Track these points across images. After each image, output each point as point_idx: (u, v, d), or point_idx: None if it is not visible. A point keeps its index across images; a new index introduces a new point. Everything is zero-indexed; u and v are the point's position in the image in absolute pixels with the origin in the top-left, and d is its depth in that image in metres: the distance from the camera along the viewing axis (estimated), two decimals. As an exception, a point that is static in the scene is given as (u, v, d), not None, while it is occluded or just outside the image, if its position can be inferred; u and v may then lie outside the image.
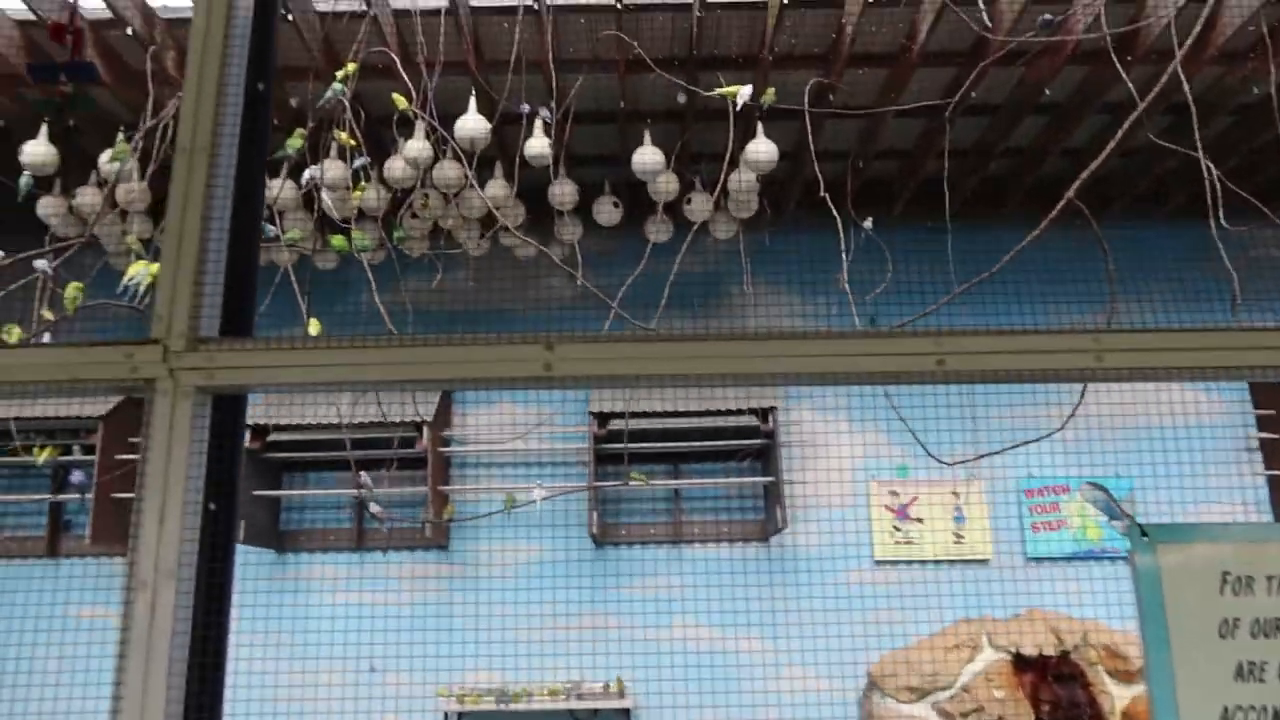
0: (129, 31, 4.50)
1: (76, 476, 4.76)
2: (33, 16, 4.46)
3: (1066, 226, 3.81)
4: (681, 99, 4.99)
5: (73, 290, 3.43)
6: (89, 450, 5.09)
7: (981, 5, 4.39)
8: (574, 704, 4.82)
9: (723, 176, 4.66)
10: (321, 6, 4.62)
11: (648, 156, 4.88)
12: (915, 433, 3.86)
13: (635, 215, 5.34)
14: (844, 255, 4.43)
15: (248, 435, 5.00)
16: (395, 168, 4.70)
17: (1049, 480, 5.42)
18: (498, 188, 5.00)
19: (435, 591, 5.27)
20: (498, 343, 1.13)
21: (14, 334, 3.30)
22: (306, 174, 4.36)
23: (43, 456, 4.89)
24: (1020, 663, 4.95)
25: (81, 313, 3.83)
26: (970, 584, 5.31)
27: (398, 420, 4.81)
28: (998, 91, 5.13)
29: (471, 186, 4.96)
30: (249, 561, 5.30)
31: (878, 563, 5.35)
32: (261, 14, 1.31)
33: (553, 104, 4.58)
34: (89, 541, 4.98)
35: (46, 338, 3.55)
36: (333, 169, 4.61)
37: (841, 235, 4.38)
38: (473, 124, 4.55)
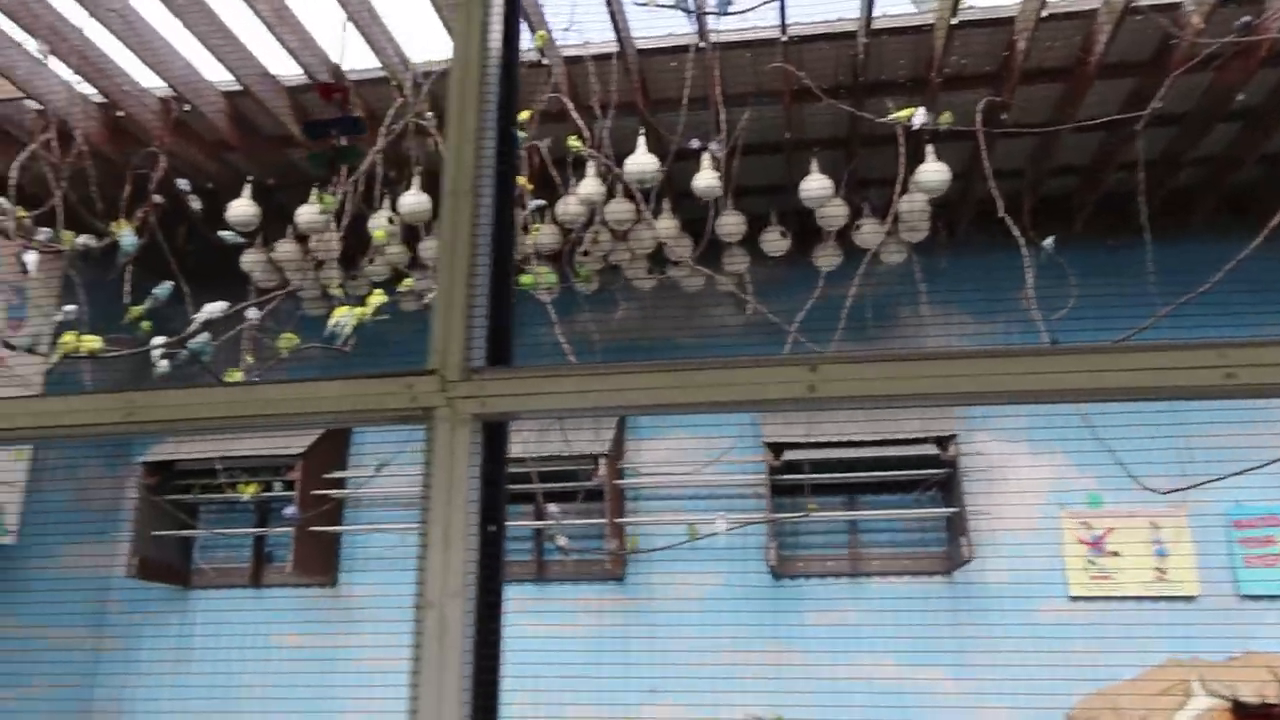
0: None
1: (289, 510, 5.07)
2: (238, 86, 4.85)
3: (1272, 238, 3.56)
4: (846, 127, 4.96)
5: (286, 339, 3.68)
6: (289, 485, 5.42)
7: (1164, 12, 4.19)
8: (756, 740, 4.75)
9: (894, 200, 4.58)
10: (496, 58, 4.84)
11: (815, 184, 4.86)
12: (1117, 460, 3.65)
13: (802, 244, 5.31)
14: (1026, 275, 4.27)
15: (433, 470, 5.20)
16: (568, 207, 4.85)
17: (1262, 510, 5.01)
18: (666, 222, 5.07)
19: (612, 624, 5.31)
20: (761, 365, 1.14)
21: (236, 375, 3.56)
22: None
23: (248, 492, 5.23)
24: (1241, 711, 4.57)
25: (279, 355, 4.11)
26: (1176, 624, 4.95)
27: (577, 454, 4.91)
28: (1183, 99, 4.86)
29: (641, 222, 5.06)
30: (435, 592, 5.50)
31: (1073, 598, 5.06)
32: (507, 57, 1.38)
33: (721, 138, 4.61)
34: (290, 571, 5.28)
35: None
36: (509, 212, 4.79)
37: (1025, 254, 4.23)
38: (642, 161, 4.65)
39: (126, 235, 3.78)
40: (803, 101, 4.74)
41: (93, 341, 3.42)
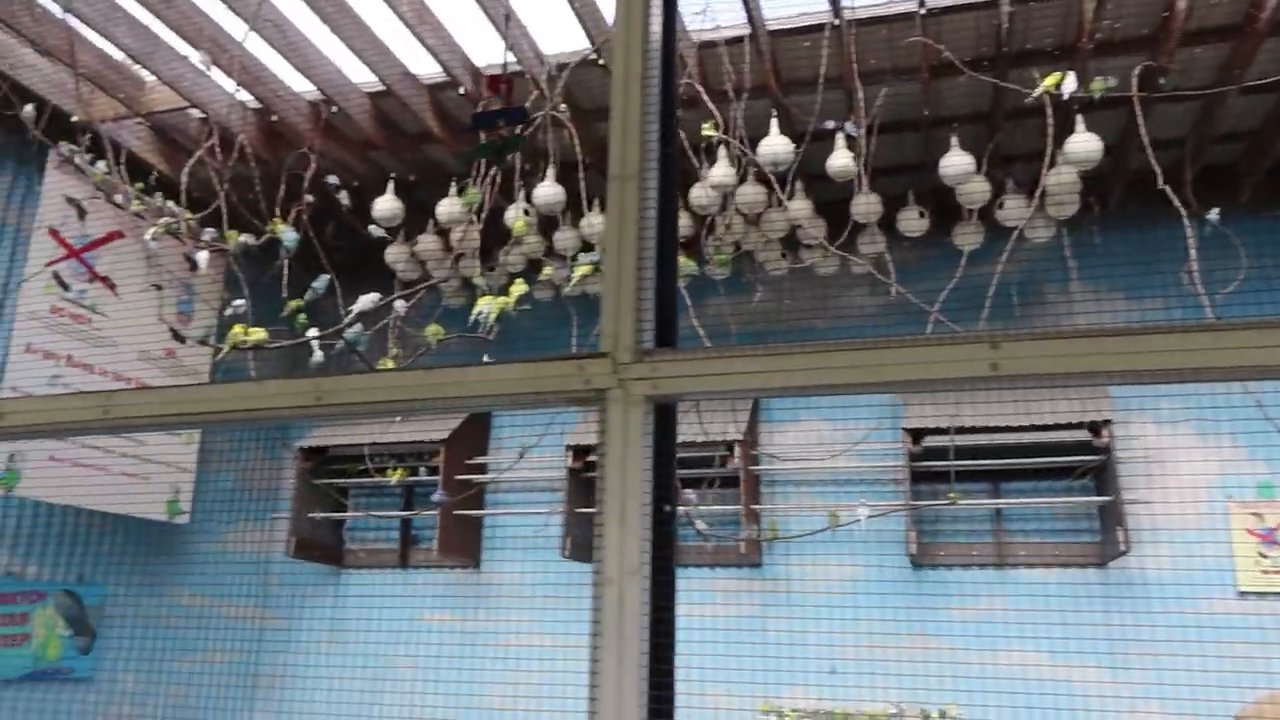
0: (460, 91, 4.96)
1: (437, 495, 5.26)
2: (381, 87, 5.03)
3: None
4: (988, 100, 4.77)
5: (433, 329, 3.80)
6: (433, 471, 5.61)
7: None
8: (899, 731, 4.66)
9: (1042, 175, 4.39)
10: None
11: (956, 161, 4.70)
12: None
13: (941, 224, 5.15)
14: (1188, 249, 4.03)
15: (571, 457, 5.30)
16: (699, 193, 4.84)
17: None
18: (800, 205, 5.01)
19: (749, 608, 5.30)
20: (943, 343, 1.11)
21: (387, 363, 3.71)
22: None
23: (395, 477, 5.44)
24: None
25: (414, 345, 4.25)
26: (1358, 621, 4.60)
27: (712, 439, 4.92)
28: (1369, 54, 4.48)
29: (774, 206, 5.01)
30: (573, 578, 5.60)
31: (1242, 594, 4.76)
32: (666, 43, 1.39)
33: (859, 118, 4.51)
34: (436, 553, 5.48)
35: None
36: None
37: (1187, 227, 3.98)
38: (776, 144, 4.59)
39: (288, 233, 3.98)
40: (942, 76, 4.59)
41: (258, 333, 3.62)
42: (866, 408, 5.26)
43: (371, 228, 4.96)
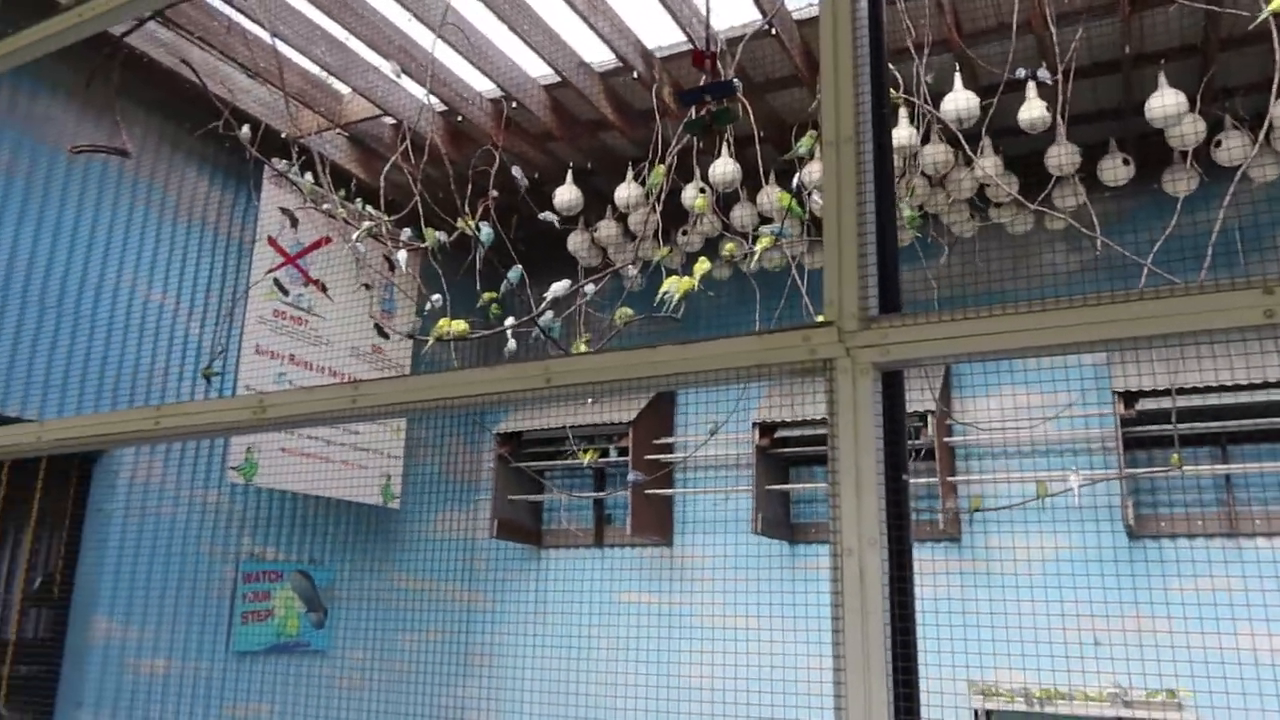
0: (634, 75, 5.02)
1: (632, 475, 5.39)
2: (556, 79, 5.16)
3: None
4: (1199, 31, 4.39)
5: (622, 312, 3.88)
6: (622, 452, 5.74)
7: None
8: (1121, 712, 4.41)
9: (1270, 107, 4.00)
10: (798, 15, 4.78)
11: (1164, 100, 4.36)
12: None
13: (1146, 170, 4.80)
14: None
15: (758, 434, 5.30)
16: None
17: None
18: (988, 162, 4.78)
19: (949, 585, 5.14)
20: (1205, 292, 1.03)
21: (580, 346, 3.82)
22: (796, 178, 4.52)
23: (587, 458, 5.59)
24: None
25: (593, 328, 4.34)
26: None
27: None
28: None
29: (960, 165, 4.81)
30: (765, 553, 5.61)
31: None
32: (873, 2, 1.35)
33: (1052, 62, 4.25)
34: (629, 533, 5.60)
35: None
36: (818, 169, 4.73)
37: None
38: (960, 100, 4.40)
39: (484, 228, 4.15)
40: (1145, 9, 4.26)
41: (460, 325, 3.80)
42: (1069, 368, 4.98)
43: (548, 214, 5.08)
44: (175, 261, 5.22)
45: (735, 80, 3.13)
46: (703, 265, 3.84)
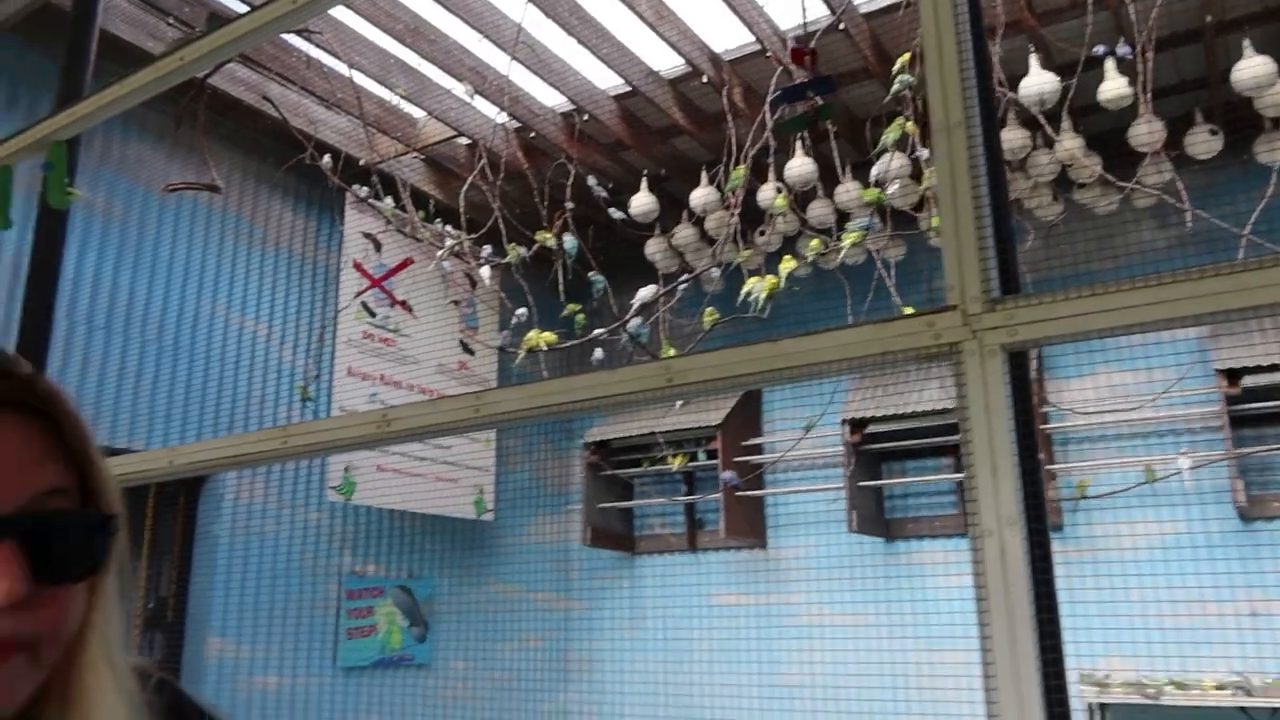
0: (703, 80, 5.04)
1: (727, 475, 5.40)
2: (626, 88, 5.21)
3: None
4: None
5: (709, 313, 3.91)
6: (710, 455, 5.75)
7: None
8: (1244, 701, 4.25)
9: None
10: (865, 9, 4.76)
11: (1252, 66, 4.22)
12: None
13: (1234, 140, 4.65)
14: None
15: (849, 431, 5.26)
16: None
17: None
18: (1071, 143, 4.68)
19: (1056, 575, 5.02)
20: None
21: (668, 350, 3.85)
22: (874, 170, 4.49)
23: (677, 463, 5.62)
24: None
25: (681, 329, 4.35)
26: None
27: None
28: None
29: (1040, 148, 4.73)
30: (861, 550, 5.56)
31: None
32: (970, -15, 1.35)
33: (1131, 37, 4.16)
34: (723, 535, 5.61)
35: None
36: (896, 159, 4.68)
37: None
38: (1040, 81, 4.32)
39: (569, 239, 4.21)
40: (1228, -25, 4.14)
41: (549, 336, 3.86)
42: (1164, 344, 4.84)
43: (617, 214, 5.10)
44: (266, 290, 5.40)
45: (831, 76, 3.13)
46: (788, 263, 3.84)
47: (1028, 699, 1.10)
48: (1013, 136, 4.63)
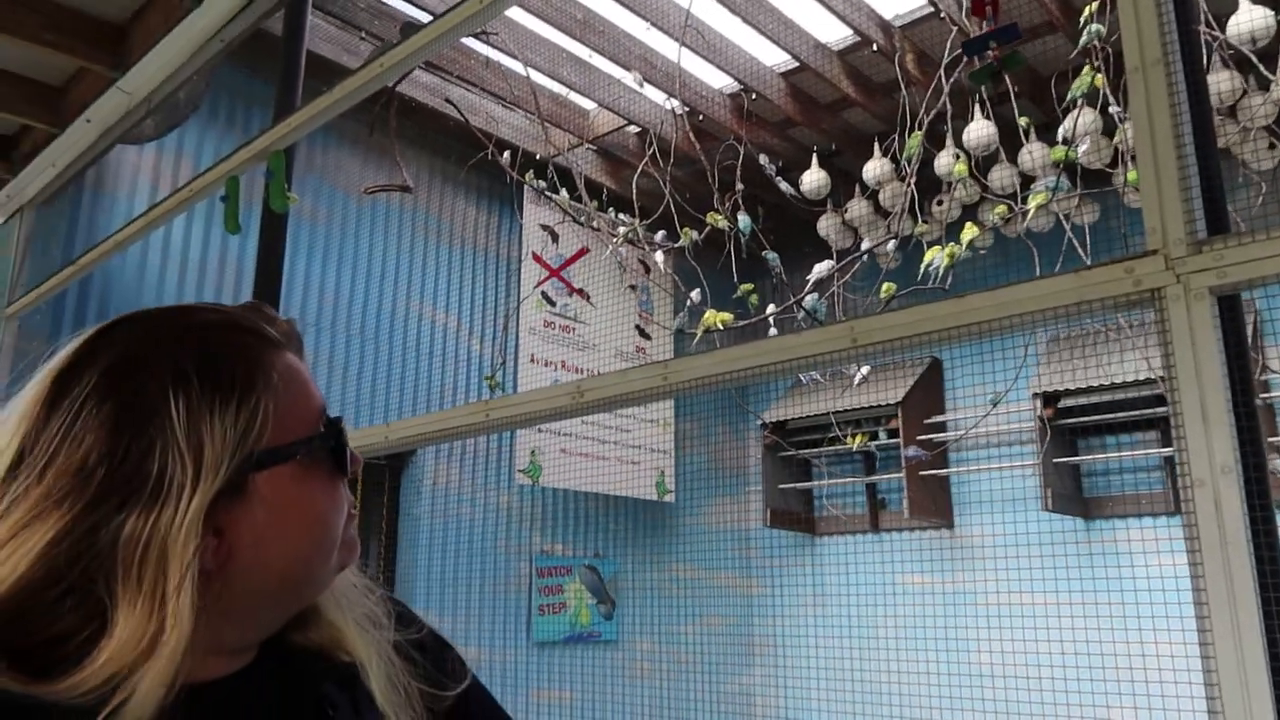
0: (873, 49, 4.94)
1: (911, 451, 5.29)
2: (794, 64, 5.17)
3: None
4: None
5: (887, 287, 3.84)
6: (891, 434, 5.64)
7: None
8: None
9: None
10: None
11: None
12: None
13: None
14: None
15: (1040, 405, 5.03)
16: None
17: None
18: (1288, 84, 4.28)
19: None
20: None
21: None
22: (1061, 129, 4.27)
23: (856, 443, 5.54)
24: None
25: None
26: None
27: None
28: None
29: (1254, 90, 4.35)
30: (1057, 529, 5.31)
31: None
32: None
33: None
34: (906, 515, 5.49)
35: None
36: (1086, 115, 4.43)
37: None
38: (1252, 19, 3.98)
39: (743, 218, 4.24)
40: None
41: (725, 316, 3.90)
42: None
43: (787, 188, 5.05)
44: (455, 284, 5.70)
45: (1015, 24, 3.00)
46: (970, 230, 3.72)
47: (1251, 660, 1.05)
48: (1220, 79, 4.28)
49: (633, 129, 5.82)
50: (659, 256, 4.95)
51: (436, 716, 0.81)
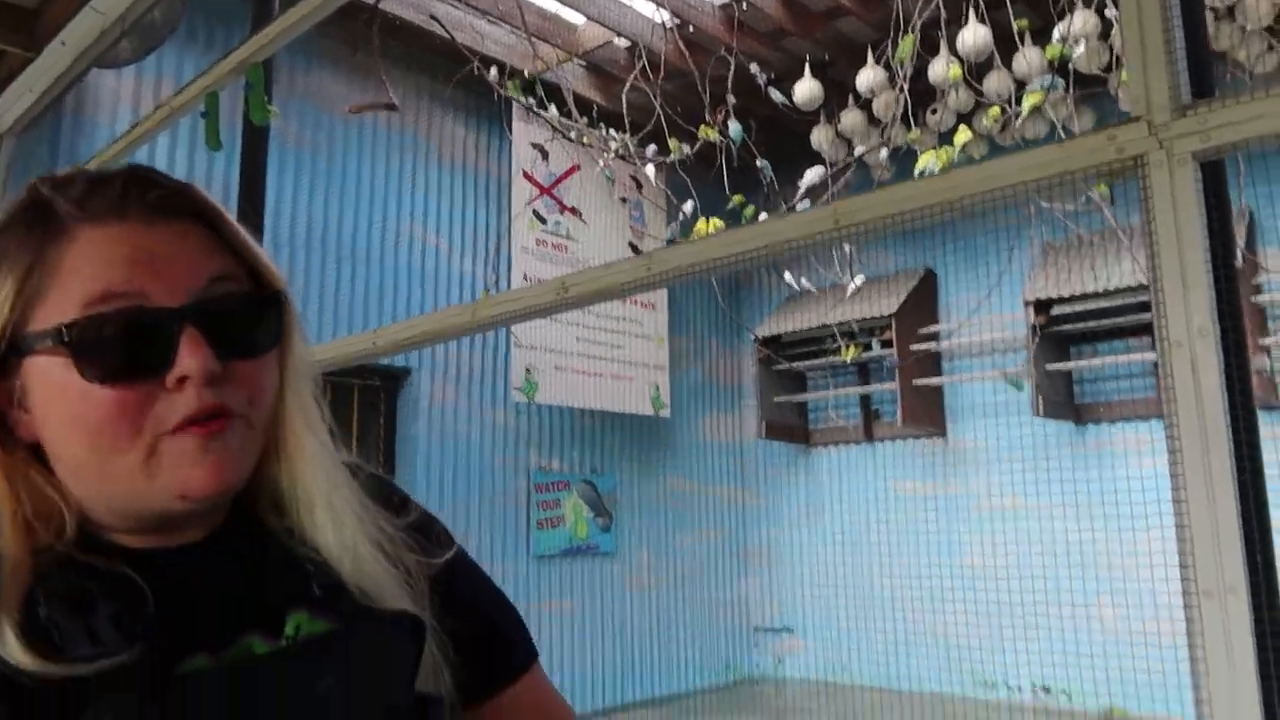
0: (865, -49, 4.81)
1: (891, 361, 5.31)
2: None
3: None
4: None
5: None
6: (885, 345, 5.66)
7: None
8: None
9: None
10: None
11: None
12: None
13: None
14: None
15: (1033, 313, 5.05)
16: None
17: None
18: (1287, -21, 4.20)
19: (1268, 459, 4.70)
20: None
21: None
22: (1056, 31, 4.20)
23: (850, 355, 5.57)
24: None
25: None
26: None
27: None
28: None
29: (1252, -12, 4.27)
30: (1049, 434, 5.38)
31: None
32: None
33: None
34: (900, 424, 5.55)
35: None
36: (1081, 15, 4.35)
37: None
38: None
39: (734, 125, 4.18)
40: None
41: (717, 223, 3.88)
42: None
43: (779, 97, 4.98)
44: (445, 205, 5.65)
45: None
46: (964, 134, 3.68)
47: (1225, 534, 1.07)
48: (1220, -21, 4.20)
49: (622, 42, 5.70)
50: (650, 171, 4.90)
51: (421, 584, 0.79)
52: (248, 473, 0.71)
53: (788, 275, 5.16)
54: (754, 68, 4.70)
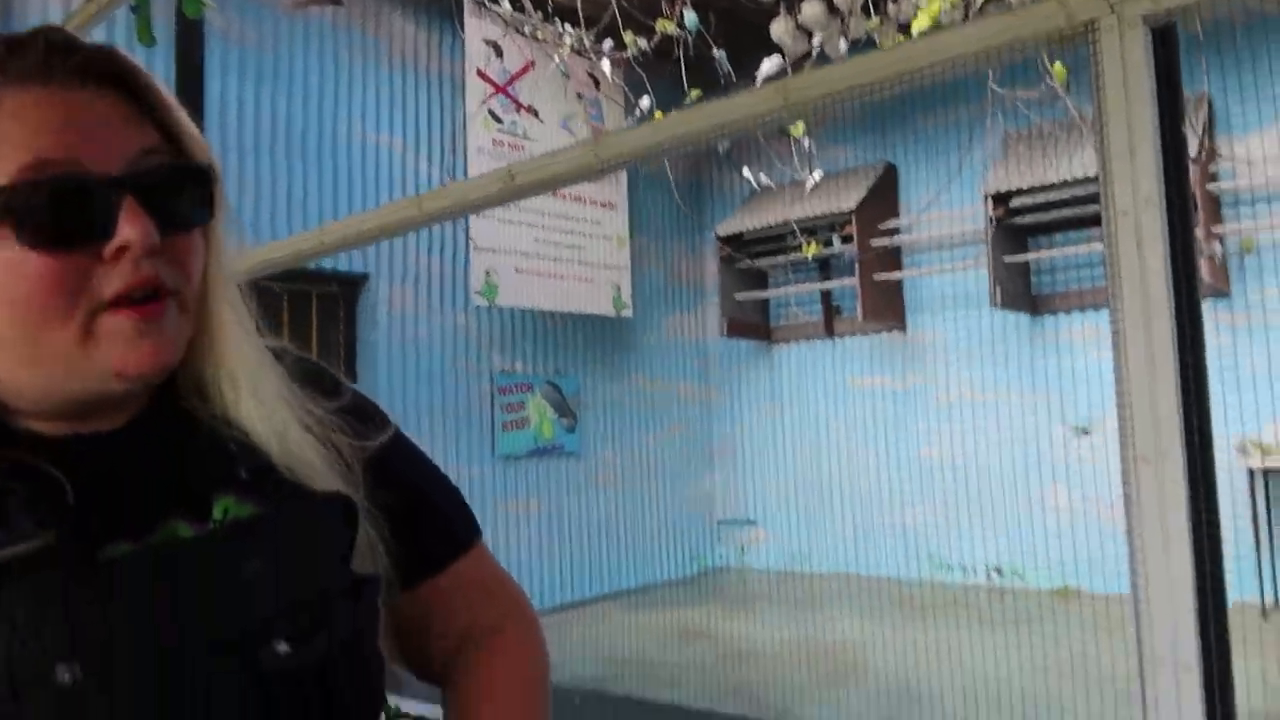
0: None
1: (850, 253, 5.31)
2: None
3: None
4: None
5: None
6: (845, 240, 5.66)
7: None
8: None
9: None
10: None
11: None
12: None
13: None
14: None
15: (991, 205, 5.05)
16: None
17: None
18: None
19: (1219, 343, 4.80)
20: None
21: (799, 129, 3.74)
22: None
23: (811, 251, 5.56)
24: None
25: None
26: None
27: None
28: None
29: None
30: (1006, 325, 5.45)
31: None
32: None
33: None
34: (860, 319, 5.58)
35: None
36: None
37: None
38: None
39: (689, 14, 4.07)
40: None
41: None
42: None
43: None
44: (396, 105, 5.48)
45: None
46: (923, 20, 3.60)
47: (1163, 400, 1.08)
48: None
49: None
50: (606, 67, 4.77)
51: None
52: (181, 352, 0.68)
53: (746, 171, 5.10)
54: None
